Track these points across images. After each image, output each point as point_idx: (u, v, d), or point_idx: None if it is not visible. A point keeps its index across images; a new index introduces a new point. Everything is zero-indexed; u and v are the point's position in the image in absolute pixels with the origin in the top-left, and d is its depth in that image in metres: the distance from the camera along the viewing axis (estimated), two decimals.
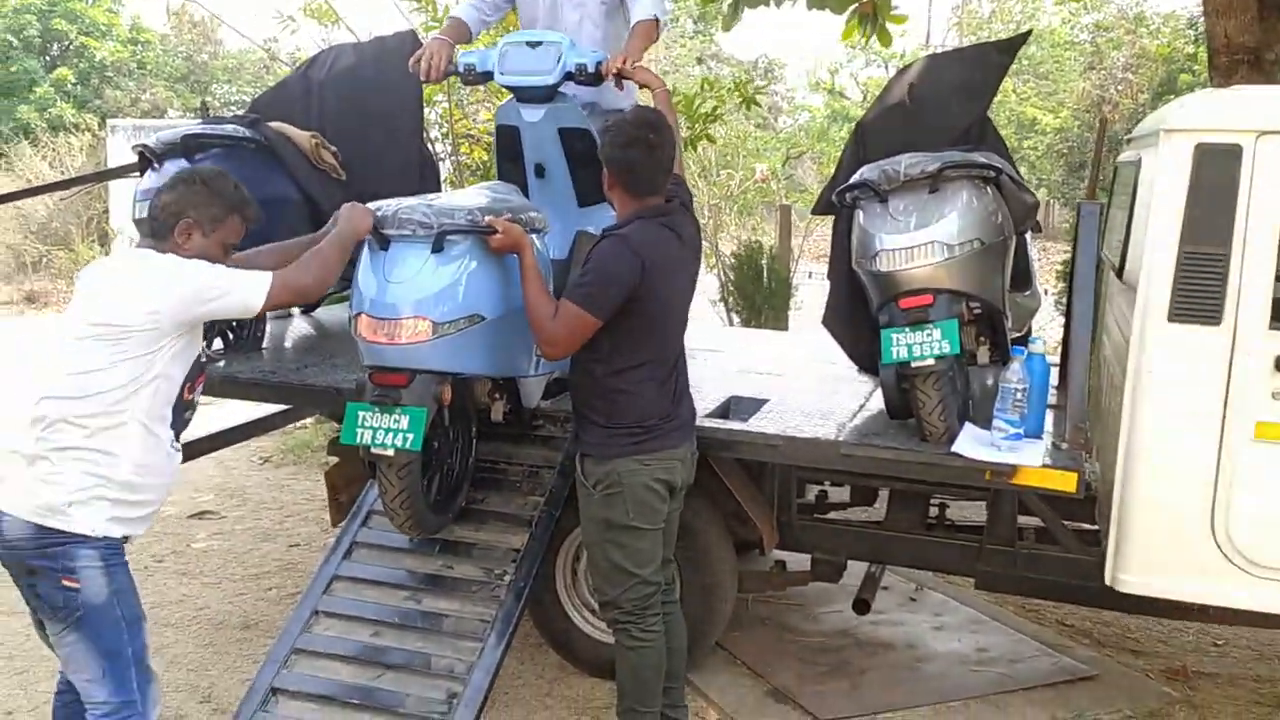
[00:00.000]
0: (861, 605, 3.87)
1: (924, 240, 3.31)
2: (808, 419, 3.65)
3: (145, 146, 4.18)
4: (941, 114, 3.85)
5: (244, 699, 3.14)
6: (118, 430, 2.55)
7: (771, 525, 3.80)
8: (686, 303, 3.19)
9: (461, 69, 3.80)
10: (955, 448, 3.28)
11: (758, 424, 3.59)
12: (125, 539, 2.65)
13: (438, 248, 2.98)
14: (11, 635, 4.25)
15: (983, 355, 3.60)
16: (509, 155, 3.96)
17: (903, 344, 3.29)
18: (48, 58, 23.11)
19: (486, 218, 3.03)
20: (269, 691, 3.08)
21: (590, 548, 3.18)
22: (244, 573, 4.96)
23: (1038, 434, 3.44)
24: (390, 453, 2.98)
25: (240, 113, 4.75)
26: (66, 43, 23.47)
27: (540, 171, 3.88)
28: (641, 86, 3.69)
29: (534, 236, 3.25)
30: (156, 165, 4.13)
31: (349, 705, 3.00)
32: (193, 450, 4.77)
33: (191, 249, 2.68)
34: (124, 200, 13.97)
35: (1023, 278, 4.12)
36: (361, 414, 3.00)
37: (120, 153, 15.66)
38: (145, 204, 4.10)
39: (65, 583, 2.53)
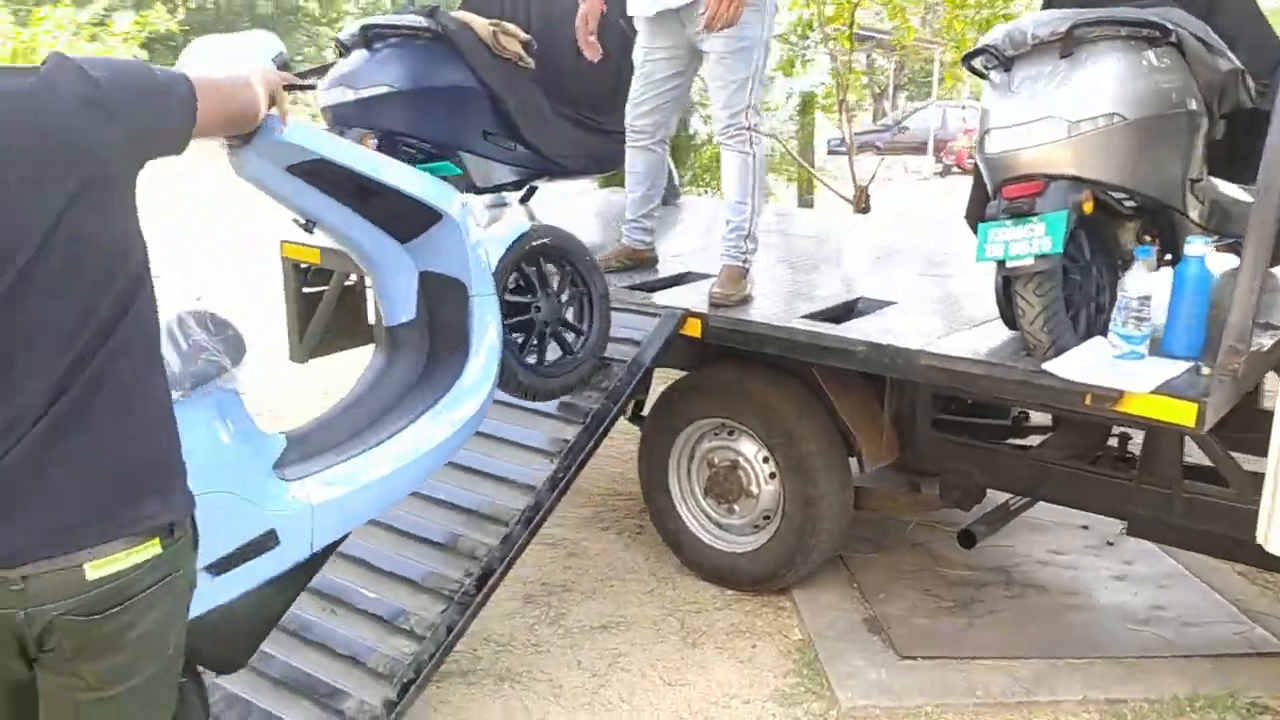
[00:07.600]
0: (965, 537, 3.36)
1: (1037, 115, 2.77)
2: (921, 326, 3.23)
3: (336, 38, 4.46)
4: None
5: None
6: None
7: (878, 438, 3.42)
8: None
9: None
10: (1049, 364, 2.76)
11: (855, 328, 3.24)
12: None
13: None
14: None
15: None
16: None
17: (999, 240, 2.79)
18: None
19: None
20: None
21: None
22: None
23: (1192, 355, 2.81)
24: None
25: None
26: None
27: None
28: None
29: None
30: (345, 55, 4.41)
31: (378, 571, 3.03)
32: None
33: None
34: None
35: (1242, 165, 3.33)
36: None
37: None
38: (329, 91, 4.44)
39: None
